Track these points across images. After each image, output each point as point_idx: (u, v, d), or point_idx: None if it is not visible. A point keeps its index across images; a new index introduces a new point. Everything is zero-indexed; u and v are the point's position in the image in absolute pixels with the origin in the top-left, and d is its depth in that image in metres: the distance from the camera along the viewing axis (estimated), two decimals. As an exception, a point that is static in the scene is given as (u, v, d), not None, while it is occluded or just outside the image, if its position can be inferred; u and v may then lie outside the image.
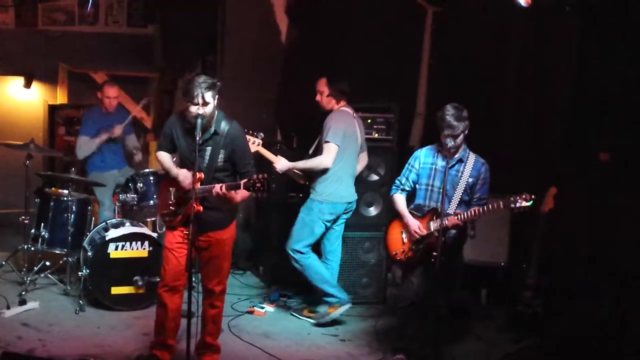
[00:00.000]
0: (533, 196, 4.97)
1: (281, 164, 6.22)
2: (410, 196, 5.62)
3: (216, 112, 4.99)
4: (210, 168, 4.99)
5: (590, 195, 6.19)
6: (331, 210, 6.32)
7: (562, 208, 6.16)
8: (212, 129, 5.00)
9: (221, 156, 5.02)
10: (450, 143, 5.22)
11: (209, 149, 5.00)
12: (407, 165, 5.62)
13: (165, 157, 5.28)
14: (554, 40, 6.61)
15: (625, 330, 5.75)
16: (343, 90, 6.40)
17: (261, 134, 6.08)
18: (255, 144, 5.99)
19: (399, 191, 5.62)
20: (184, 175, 5.05)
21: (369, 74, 6.43)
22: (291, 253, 6.38)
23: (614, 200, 5.98)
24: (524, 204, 4.99)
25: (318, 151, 6.37)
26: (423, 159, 5.51)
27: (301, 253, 6.37)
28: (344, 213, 6.43)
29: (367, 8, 8.00)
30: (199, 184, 4.91)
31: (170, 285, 5.21)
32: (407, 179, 5.58)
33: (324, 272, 6.46)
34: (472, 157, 5.38)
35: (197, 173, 4.89)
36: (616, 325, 5.82)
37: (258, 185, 4.71)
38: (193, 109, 4.86)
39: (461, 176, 5.34)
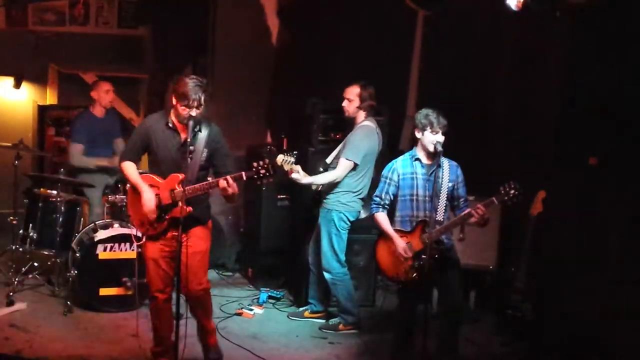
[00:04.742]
0: (517, 185, 4.99)
1: (298, 175, 6.13)
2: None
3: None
4: (194, 167, 5.00)
5: (578, 199, 6.21)
6: (350, 217, 6.35)
7: (550, 212, 6.18)
8: (197, 128, 5.03)
9: (204, 155, 5.05)
10: (442, 139, 5.22)
11: (191, 148, 4.98)
12: (383, 179, 5.48)
13: (131, 169, 5.20)
14: (544, 44, 6.63)
15: (614, 333, 5.77)
16: (374, 107, 6.37)
17: (295, 152, 6.08)
18: (289, 162, 5.98)
19: (381, 209, 5.48)
20: (147, 199, 5.02)
21: (359, 77, 6.42)
22: (333, 270, 6.38)
23: (602, 205, 6.00)
24: (514, 192, 4.99)
25: (336, 160, 6.39)
26: (402, 169, 5.41)
27: (342, 266, 6.41)
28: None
29: (357, 11, 8.00)
30: (180, 185, 4.92)
31: (162, 294, 5.21)
32: (387, 193, 5.45)
33: (353, 290, 6.54)
34: (446, 161, 5.36)
35: (179, 174, 4.92)
36: (605, 329, 5.84)
37: (262, 172, 4.71)
38: (186, 111, 4.90)
39: (442, 182, 5.32)
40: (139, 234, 5.24)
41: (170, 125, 5.06)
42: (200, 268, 5.23)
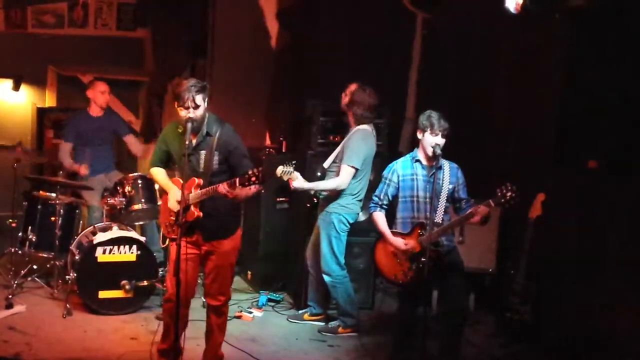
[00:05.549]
0: (514, 187, 4.93)
1: (298, 182, 6.11)
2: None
3: (207, 115, 4.99)
4: (206, 172, 4.98)
5: (578, 200, 6.21)
6: (350, 219, 6.34)
7: (550, 213, 6.17)
8: (204, 131, 4.99)
9: (216, 159, 4.99)
10: (442, 142, 5.21)
11: (202, 152, 4.99)
12: (383, 180, 5.52)
13: (159, 173, 5.27)
14: (543, 46, 6.63)
15: (614, 334, 5.77)
16: (368, 117, 6.29)
17: (294, 161, 6.03)
18: (288, 173, 5.93)
19: (378, 208, 5.52)
20: (174, 195, 5.05)
21: (358, 79, 6.42)
22: (333, 273, 6.36)
23: (602, 205, 6.00)
24: (510, 194, 4.92)
25: (334, 164, 6.37)
26: (402, 171, 5.43)
27: (342, 269, 6.40)
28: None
29: (357, 13, 8.00)
30: (198, 189, 4.91)
31: (181, 299, 5.11)
32: (385, 194, 5.48)
33: (352, 293, 6.52)
34: (446, 163, 5.37)
35: (196, 179, 4.91)
36: (604, 330, 5.84)
37: (253, 179, 4.68)
38: (184, 112, 4.87)
39: (442, 183, 5.32)
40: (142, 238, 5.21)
41: (180, 130, 5.04)
42: (226, 280, 5.26)
